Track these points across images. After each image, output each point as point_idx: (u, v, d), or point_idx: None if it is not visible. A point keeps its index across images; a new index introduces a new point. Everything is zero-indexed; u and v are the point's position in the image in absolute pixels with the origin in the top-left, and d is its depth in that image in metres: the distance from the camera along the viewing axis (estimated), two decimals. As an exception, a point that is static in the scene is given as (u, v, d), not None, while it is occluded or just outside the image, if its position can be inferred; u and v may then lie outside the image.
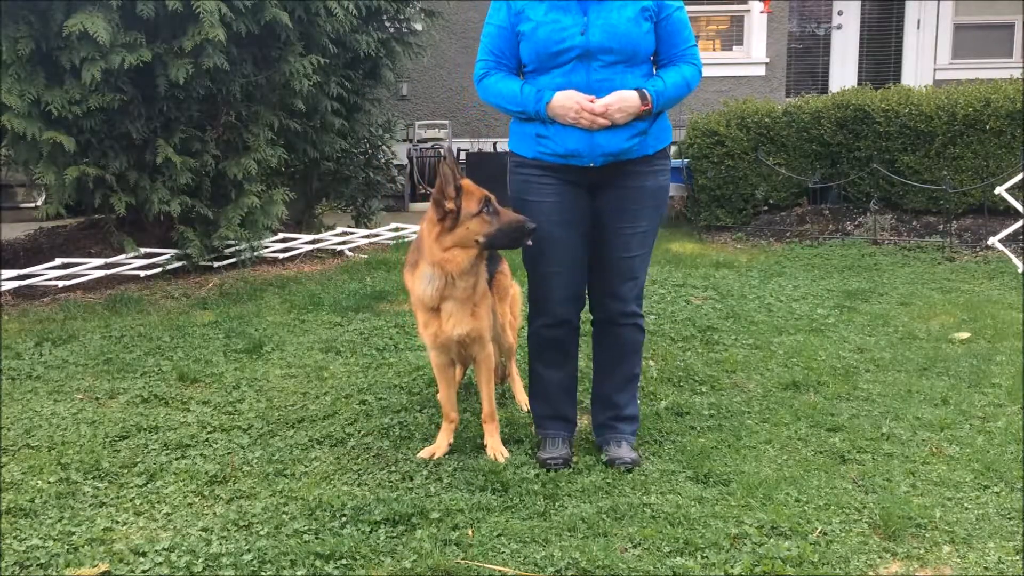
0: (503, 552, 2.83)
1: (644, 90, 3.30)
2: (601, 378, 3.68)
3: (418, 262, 3.46)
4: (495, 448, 3.58)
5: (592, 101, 3.25)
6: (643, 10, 3.33)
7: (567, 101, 3.27)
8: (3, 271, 6.38)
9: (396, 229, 8.53)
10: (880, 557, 2.83)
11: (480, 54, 3.49)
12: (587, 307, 3.65)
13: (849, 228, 8.32)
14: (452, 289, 3.42)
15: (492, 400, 3.65)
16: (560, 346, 3.61)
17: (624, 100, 3.27)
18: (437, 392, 3.92)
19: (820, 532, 2.95)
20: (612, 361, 3.64)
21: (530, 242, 3.35)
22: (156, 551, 2.86)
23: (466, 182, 3.34)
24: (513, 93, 3.38)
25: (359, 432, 3.84)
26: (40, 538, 2.96)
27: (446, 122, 11.73)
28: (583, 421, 3.87)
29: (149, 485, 3.37)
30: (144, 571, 2.77)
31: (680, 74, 3.42)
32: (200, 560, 2.80)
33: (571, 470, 3.46)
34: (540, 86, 3.34)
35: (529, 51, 3.36)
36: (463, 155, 11.82)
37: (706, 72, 3.74)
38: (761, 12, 11.78)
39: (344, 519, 3.05)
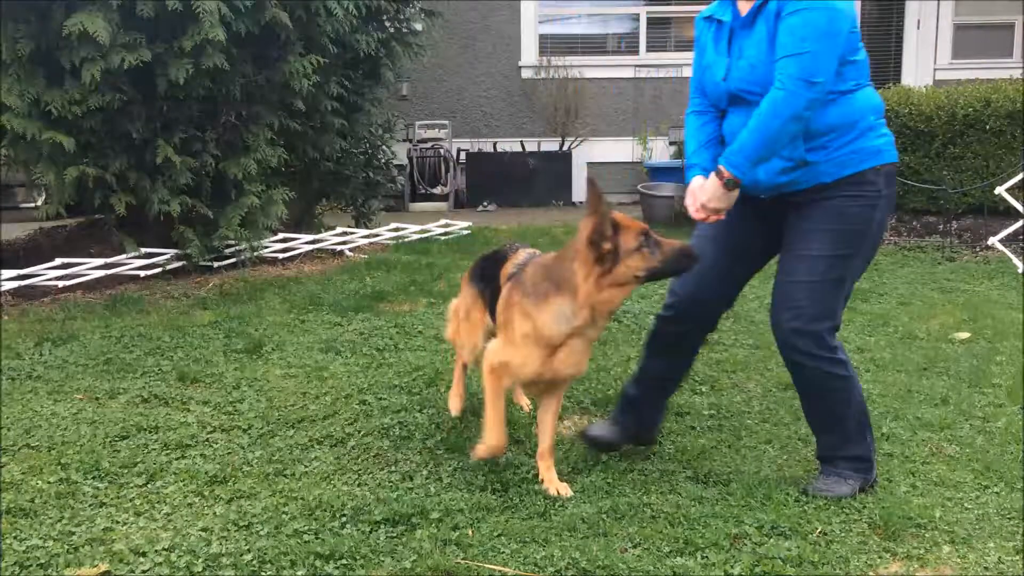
0: (503, 552, 2.83)
1: (720, 166, 3.08)
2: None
3: (548, 294, 3.14)
4: (555, 483, 3.31)
5: (695, 199, 3.18)
6: (774, 24, 3.05)
7: (687, 197, 3.26)
8: (3, 271, 6.37)
9: (396, 229, 8.53)
10: (880, 557, 2.83)
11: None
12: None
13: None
14: (590, 328, 3.18)
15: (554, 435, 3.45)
16: (664, 339, 3.52)
17: (706, 191, 3.13)
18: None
19: (820, 532, 2.95)
20: (800, 392, 3.40)
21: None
22: (156, 551, 2.86)
23: (619, 216, 3.11)
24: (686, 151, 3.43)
25: (359, 432, 3.84)
26: (40, 538, 2.95)
27: (446, 122, 11.74)
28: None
29: (149, 485, 3.37)
30: (144, 571, 2.77)
31: (757, 116, 3.00)
32: (200, 560, 2.80)
33: (604, 456, 3.52)
34: (724, 127, 3.30)
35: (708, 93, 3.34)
36: (463, 155, 11.84)
37: (706, 72, 3.67)
38: (761, 12, 11.77)
39: (344, 519, 3.05)
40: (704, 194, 3.14)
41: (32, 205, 9.35)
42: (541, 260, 3.35)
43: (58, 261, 6.59)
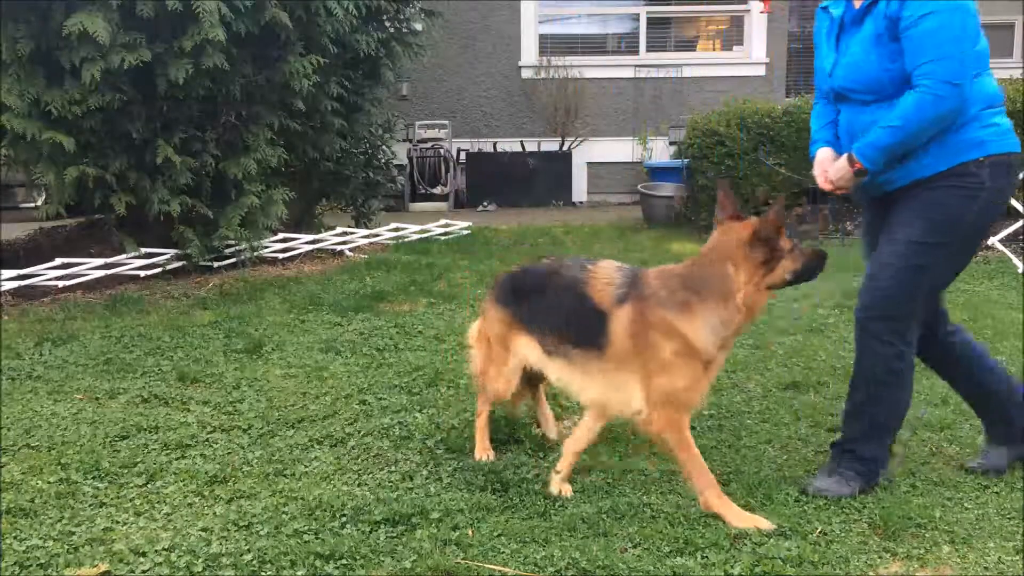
0: (503, 552, 2.83)
1: (851, 153, 3.13)
2: None
3: (691, 304, 2.98)
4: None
5: (826, 172, 3.26)
6: (887, 26, 3.04)
7: (816, 168, 3.31)
8: (3, 271, 6.38)
9: (396, 229, 8.53)
10: (880, 557, 2.82)
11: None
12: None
13: (849, 228, 8.32)
14: (734, 337, 3.09)
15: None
16: (926, 362, 3.47)
17: (837, 170, 3.19)
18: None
19: (820, 532, 2.95)
20: (854, 372, 3.35)
21: None
22: (156, 551, 2.86)
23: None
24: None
25: (359, 432, 3.83)
26: (40, 538, 2.95)
27: (446, 122, 11.74)
28: None
29: (149, 485, 3.37)
30: (144, 571, 2.77)
31: (894, 113, 3.02)
32: (200, 560, 2.80)
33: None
34: (840, 122, 3.32)
35: None
36: (463, 155, 11.84)
37: (706, 72, 3.72)
38: (761, 12, 11.80)
39: (344, 519, 3.05)
40: (835, 173, 3.21)
41: (32, 205, 9.35)
42: (668, 271, 3.12)
43: (58, 261, 6.59)
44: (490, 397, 3.52)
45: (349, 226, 8.44)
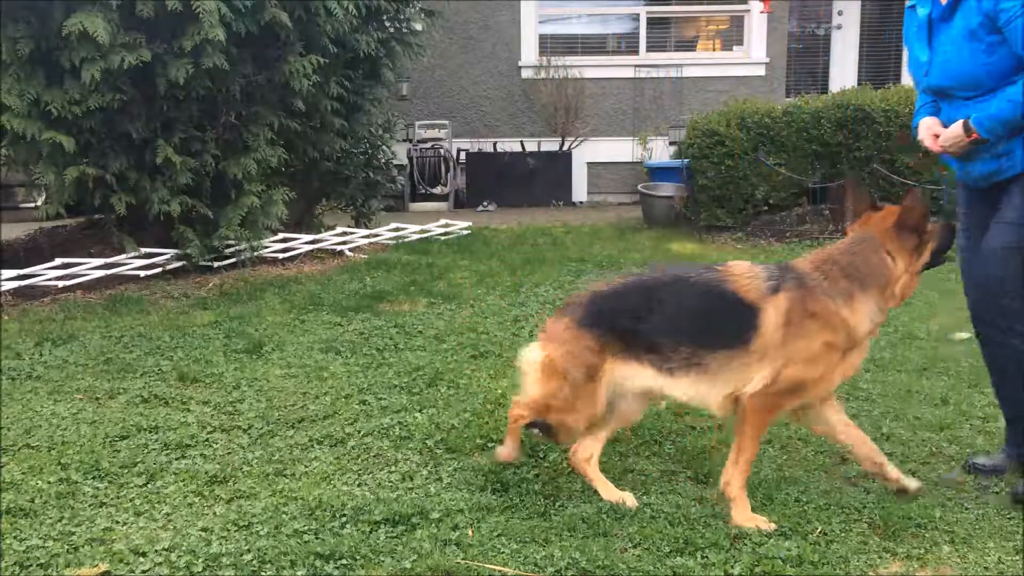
0: (503, 552, 2.83)
1: (967, 120, 3.17)
2: None
3: (853, 294, 2.97)
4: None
5: (937, 136, 3.27)
6: (982, 22, 3.09)
7: (922, 131, 3.32)
8: (3, 271, 6.38)
9: (396, 229, 8.53)
10: (880, 557, 2.82)
11: None
12: None
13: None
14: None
15: None
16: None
17: (948, 137, 3.24)
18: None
19: (820, 532, 2.95)
20: (988, 368, 3.41)
21: None
22: (156, 551, 2.86)
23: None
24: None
25: (359, 432, 3.83)
26: (40, 538, 2.96)
27: (446, 122, 11.73)
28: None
29: (149, 485, 3.37)
30: (144, 571, 2.77)
31: (1017, 89, 3.06)
32: (200, 560, 2.80)
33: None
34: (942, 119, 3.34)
35: None
36: (463, 155, 11.84)
37: (706, 72, 3.71)
38: (761, 12, 11.79)
39: (344, 519, 3.05)
40: (948, 139, 3.24)
41: (32, 205, 9.34)
42: (824, 259, 3.06)
43: (58, 261, 6.59)
44: (574, 430, 3.14)
45: (349, 226, 8.44)
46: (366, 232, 8.33)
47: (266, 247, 7.30)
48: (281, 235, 7.46)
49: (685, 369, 2.98)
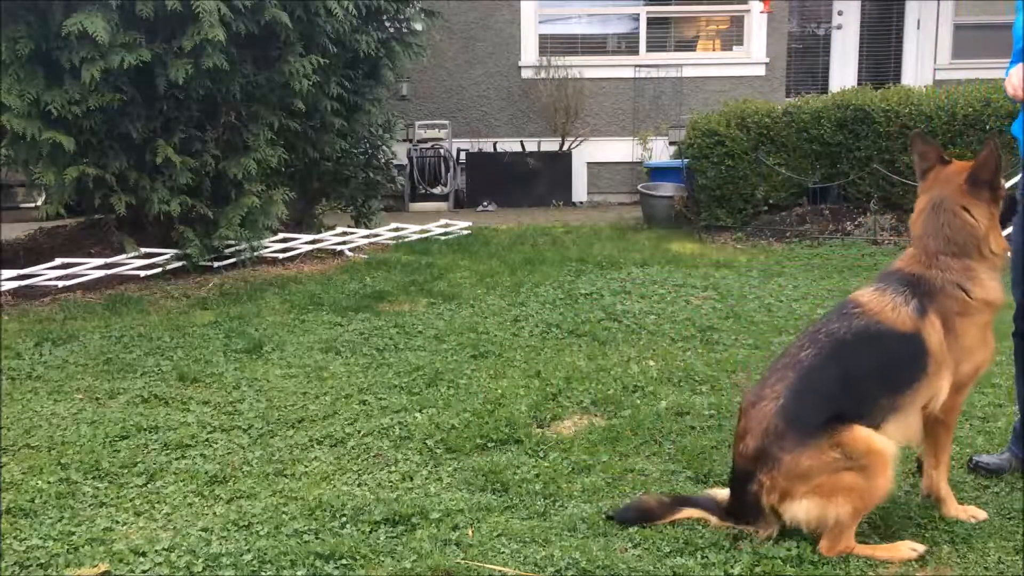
0: (503, 552, 2.83)
1: None
2: None
3: (970, 266, 2.87)
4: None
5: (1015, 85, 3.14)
6: None
7: (1012, 77, 3.17)
8: (3, 271, 6.38)
9: (396, 229, 8.53)
10: (880, 557, 2.82)
11: None
12: None
13: (849, 228, 8.32)
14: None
15: None
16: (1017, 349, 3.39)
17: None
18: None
19: (820, 532, 2.94)
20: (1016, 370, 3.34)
21: None
22: (156, 551, 2.86)
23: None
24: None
25: (359, 432, 3.83)
26: (40, 538, 2.96)
27: (446, 122, 11.73)
28: None
29: (149, 485, 3.37)
30: (144, 571, 2.77)
31: None
32: (200, 560, 2.80)
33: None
34: None
35: None
36: (463, 155, 11.84)
37: (706, 72, 3.69)
38: (761, 12, 11.79)
39: (344, 519, 3.05)
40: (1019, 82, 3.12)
41: (32, 205, 9.34)
42: (920, 252, 2.93)
43: (58, 261, 6.59)
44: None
45: (349, 226, 8.43)
46: (366, 232, 8.33)
47: (266, 247, 7.30)
48: (281, 235, 7.46)
49: (888, 420, 2.86)
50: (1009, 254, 3.00)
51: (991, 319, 2.95)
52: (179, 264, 6.88)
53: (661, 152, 11.45)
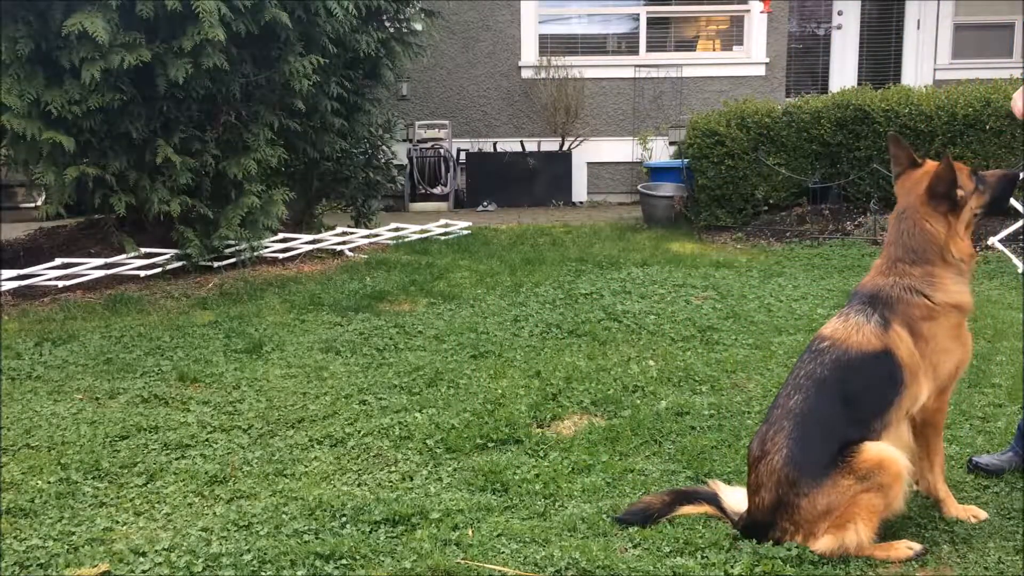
0: (503, 552, 2.83)
1: None
2: None
3: (931, 272, 2.93)
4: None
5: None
6: None
7: (1016, 100, 3.28)
8: (3, 271, 6.38)
9: (396, 229, 8.53)
10: (880, 557, 2.82)
11: None
12: None
13: (849, 228, 8.32)
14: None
15: None
16: None
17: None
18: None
19: (820, 532, 2.94)
20: None
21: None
22: (156, 551, 2.86)
23: (954, 162, 3.00)
24: None
25: (359, 432, 3.83)
26: (40, 538, 2.96)
27: (446, 122, 11.72)
28: None
29: (149, 485, 3.37)
30: (144, 571, 2.77)
31: None
32: (200, 560, 2.80)
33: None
34: None
35: None
36: (463, 155, 11.84)
37: (706, 72, 3.68)
38: (761, 12, 11.79)
39: (344, 519, 3.05)
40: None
41: (32, 205, 9.35)
42: (885, 263, 3.01)
43: (58, 261, 6.59)
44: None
45: (349, 226, 8.43)
46: (366, 232, 8.33)
47: (266, 247, 7.30)
48: (281, 235, 7.46)
49: (879, 436, 2.89)
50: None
51: (962, 320, 2.99)
52: (179, 264, 6.88)
53: (661, 152, 11.45)
